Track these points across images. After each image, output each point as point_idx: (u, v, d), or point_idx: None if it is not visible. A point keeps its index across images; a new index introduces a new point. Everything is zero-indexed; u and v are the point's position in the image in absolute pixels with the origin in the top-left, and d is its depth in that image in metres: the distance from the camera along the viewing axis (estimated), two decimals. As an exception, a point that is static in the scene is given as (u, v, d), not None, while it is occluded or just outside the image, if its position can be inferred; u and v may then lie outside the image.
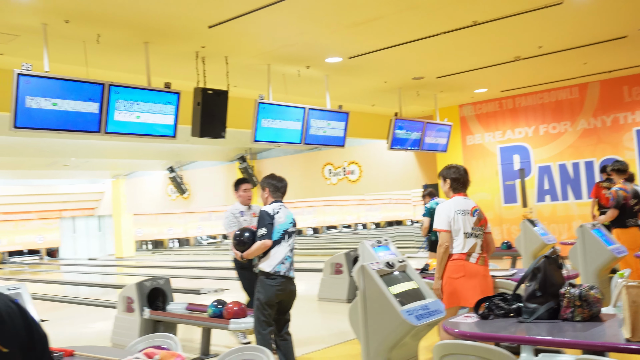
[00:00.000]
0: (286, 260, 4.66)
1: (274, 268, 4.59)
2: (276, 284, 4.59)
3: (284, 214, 4.75)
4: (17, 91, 5.40)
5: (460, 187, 4.60)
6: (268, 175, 5.02)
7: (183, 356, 2.08)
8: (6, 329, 1.05)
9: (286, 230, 4.71)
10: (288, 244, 4.71)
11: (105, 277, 17.10)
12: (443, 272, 4.27)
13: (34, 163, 16.00)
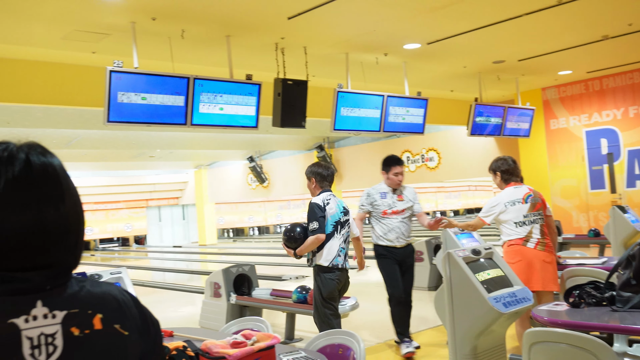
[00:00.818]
0: (341, 252, 4.56)
1: (331, 262, 4.50)
2: (335, 277, 4.52)
3: (335, 203, 4.60)
4: (110, 87, 5.69)
5: (510, 177, 4.64)
6: (313, 163, 4.88)
7: (279, 338, 2.16)
8: (124, 314, 1.13)
9: (338, 220, 4.58)
10: (341, 235, 4.58)
11: (189, 263, 17.71)
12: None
13: (122, 155, 16.74)
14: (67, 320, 1.04)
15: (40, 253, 1.05)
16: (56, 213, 1.08)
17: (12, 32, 5.99)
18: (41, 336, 1.01)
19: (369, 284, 10.59)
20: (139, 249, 23.78)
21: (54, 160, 1.13)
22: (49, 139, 12.54)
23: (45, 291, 1.05)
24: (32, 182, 1.06)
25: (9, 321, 1.00)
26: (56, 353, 1.02)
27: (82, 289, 1.10)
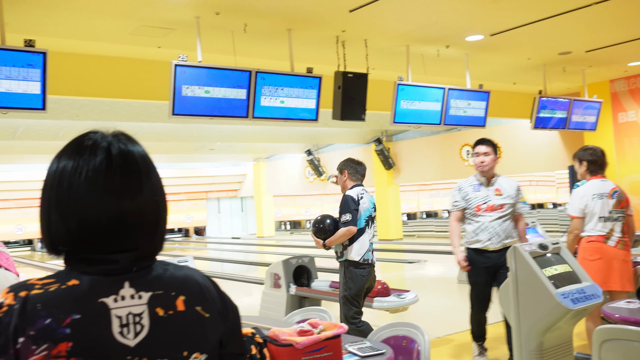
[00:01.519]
0: (370, 246, 4.52)
1: (363, 257, 4.45)
2: (365, 273, 4.47)
3: (367, 198, 4.57)
4: (175, 81, 5.82)
5: (597, 169, 4.40)
6: (346, 158, 4.84)
7: (345, 327, 2.18)
8: (205, 297, 1.17)
9: (370, 216, 4.54)
10: (372, 230, 4.53)
11: (247, 255, 17.98)
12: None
13: (183, 148, 17.13)
14: (152, 301, 1.10)
15: (123, 238, 1.10)
16: (132, 202, 1.12)
17: (82, 28, 6.21)
18: (129, 315, 1.07)
19: (426, 278, 10.53)
20: (199, 240, 24.29)
21: (136, 149, 1.18)
22: (114, 132, 12.94)
23: (131, 273, 1.10)
24: (113, 171, 1.11)
25: (99, 300, 1.05)
26: (143, 332, 1.07)
27: (166, 272, 1.16)
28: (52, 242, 1.12)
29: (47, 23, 5.91)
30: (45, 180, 1.14)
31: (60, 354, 1.00)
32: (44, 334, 1.00)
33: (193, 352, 1.12)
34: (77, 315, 1.03)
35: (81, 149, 1.13)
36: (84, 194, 1.08)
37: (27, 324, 1.00)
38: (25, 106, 5.24)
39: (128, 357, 1.05)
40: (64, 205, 1.09)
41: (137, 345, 1.06)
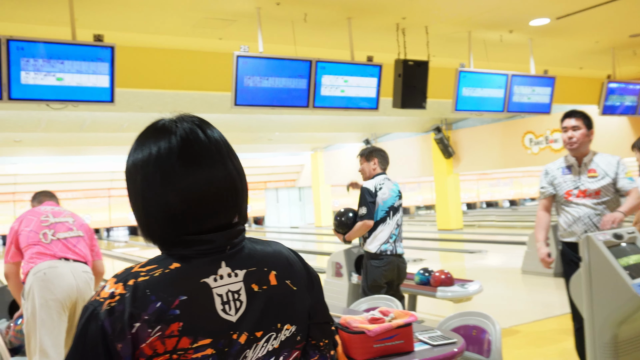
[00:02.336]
0: (391, 238, 4.41)
1: (379, 248, 4.36)
2: (382, 264, 4.36)
3: (388, 188, 4.46)
4: (237, 72, 5.90)
5: None
6: (371, 145, 4.73)
7: (416, 316, 2.17)
8: (293, 270, 1.23)
9: (392, 205, 4.43)
10: (394, 221, 4.41)
11: (306, 244, 18.10)
12: None
13: (242, 138, 17.34)
14: (247, 278, 1.15)
15: (215, 213, 1.15)
16: (234, 170, 1.19)
17: (147, 22, 6.35)
18: (229, 293, 1.12)
19: (487, 268, 10.36)
20: (258, 229, 24.61)
21: (217, 131, 1.24)
22: (177, 123, 13.22)
23: (225, 252, 1.15)
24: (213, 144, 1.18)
25: (202, 281, 1.11)
26: (242, 308, 1.13)
27: (256, 248, 1.21)
28: (150, 228, 1.16)
29: (115, 18, 6.08)
30: (131, 170, 1.18)
31: (173, 333, 1.06)
32: (157, 317, 1.06)
33: (285, 324, 1.17)
34: (183, 296, 1.08)
35: (157, 133, 1.18)
36: (174, 173, 1.13)
37: (140, 309, 1.06)
38: (95, 99, 5.41)
39: (231, 332, 1.11)
40: (156, 187, 1.13)
41: (238, 320, 1.12)
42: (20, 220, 3.87)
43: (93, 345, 1.05)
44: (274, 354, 1.16)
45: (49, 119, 11.45)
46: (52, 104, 5.34)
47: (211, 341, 1.08)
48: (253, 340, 1.13)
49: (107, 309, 1.06)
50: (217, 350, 1.09)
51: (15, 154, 18.10)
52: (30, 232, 3.68)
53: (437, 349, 2.19)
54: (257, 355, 1.13)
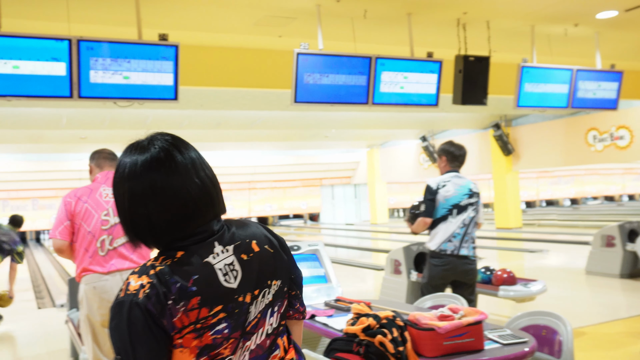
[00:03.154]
0: (455, 237, 4.28)
1: (439, 246, 4.28)
2: (442, 263, 4.27)
3: (454, 186, 4.33)
4: (297, 69, 5.94)
5: None
6: (446, 142, 4.59)
7: (486, 314, 2.14)
8: (268, 239, 1.49)
9: (457, 204, 4.30)
10: (459, 220, 4.30)
11: (361, 241, 18.08)
12: None
13: (299, 135, 17.44)
14: (236, 250, 1.40)
15: (200, 211, 1.38)
16: (200, 178, 1.40)
17: (210, 21, 6.46)
18: (225, 266, 1.37)
19: (548, 267, 10.11)
20: (313, 226, 24.72)
21: (185, 142, 1.45)
22: (235, 120, 13.41)
23: (215, 235, 1.40)
24: (186, 158, 1.40)
25: (205, 260, 1.35)
26: (239, 275, 1.38)
27: (236, 227, 1.46)
28: (147, 238, 1.39)
29: (179, 17, 6.21)
30: (119, 188, 1.41)
31: (194, 306, 1.30)
32: (180, 295, 1.30)
33: (272, 280, 1.44)
34: (195, 275, 1.32)
35: (139, 150, 1.40)
36: (185, 177, 1.37)
37: (167, 291, 1.29)
38: (160, 97, 5.55)
39: (235, 296, 1.36)
40: (155, 195, 1.35)
41: (238, 285, 1.37)
42: (79, 200, 3.45)
43: (142, 327, 1.27)
44: (270, 305, 1.43)
45: (112, 116, 11.81)
46: (119, 102, 5.50)
47: (222, 307, 1.34)
48: (253, 298, 1.39)
49: (144, 295, 1.29)
50: (228, 313, 1.34)
51: (80, 151, 18.72)
52: (88, 235, 3.39)
53: (507, 348, 2.15)
54: (259, 309, 1.40)
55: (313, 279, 3.91)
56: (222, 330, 1.33)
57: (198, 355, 1.32)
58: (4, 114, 10.67)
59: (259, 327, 1.40)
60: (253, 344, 1.40)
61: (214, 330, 1.32)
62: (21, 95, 5.12)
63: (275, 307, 1.45)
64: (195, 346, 1.31)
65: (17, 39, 4.97)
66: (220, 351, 1.34)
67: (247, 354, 1.39)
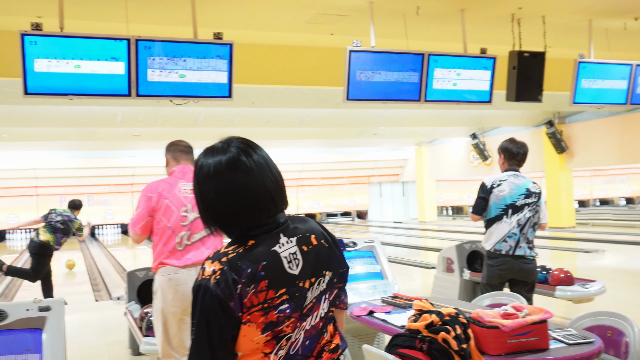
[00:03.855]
0: (510, 237, 4.20)
1: (494, 246, 4.23)
2: (497, 263, 4.22)
3: (510, 185, 4.25)
4: (349, 66, 5.94)
5: None
6: (507, 139, 4.48)
7: (551, 313, 2.12)
8: (323, 234, 1.69)
9: (512, 204, 4.22)
10: (513, 220, 4.22)
11: (409, 239, 17.98)
12: None
13: (347, 132, 17.45)
14: (299, 242, 1.61)
15: (273, 205, 1.60)
16: (269, 180, 1.61)
17: (260, 19, 6.54)
18: (289, 255, 1.58)
19: (604, 268, 9.87)
20: (361, 223, 24.70)
21: (255, 143, 1.67)
22: (284, 118, 13.51)
23: (280, 227, 1.61)
24: (260, 157, 1.63)
25: (272, 249, 1.56)
26: (300, 264, 1.59)
27: (297, 223, 1.66)
28: (224, 225, 1.61)
29: (233, 16, 6.31)
30: (202, 182, 1.62)
31: (262, 288, 1.51)
32: (250, 279, 1.50)
33: (326, 271, 1.64)
34: (264, 262, 1.53)
35: (220, 151, 1.60)
36: (257, 176, 1.58)
37: (237, 276, 1.49)
38: (214, 95, 5.65)
39: (297, 281, 1.56)
40: (237, 190, 1.57)
41: (299, 272, 1.57)
42: (160, 195, 3.48)
43: (213, 310, 1.50)
44: (323, 293, 1.63)
45: (165, 114, 12.05)
46: (175, 100, 5.62)
47: (286, 290, 1.54)
48: (310, 285, 1.59)
49: (215, 282, 1.50)
50: (290, 296, 1.54)
51: (133, 148, 19.19)
52: (168, 230, 3.44)
53: (573, 348, 2.12)
54: (314, 294, 1.60)
55: (369, 276, 3.91)
56: (285, 310, 1.53)
57: (263, 330, 1.52)
58: (62, 112, 11.03)
59: (314, 311, 1.60)
60: (308, 325, 1.59)
61: (278, 309, 1.52)
62: (82, 94, 5.28)
63: (327, 295, 1.65)
64: (261, 322, 1.51)
65: (78, 39, 5.13)
66: (282, 328, 1.54)
67: (302, 333, 1.58)
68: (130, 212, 22.26)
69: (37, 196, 20.75)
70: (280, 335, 1.54)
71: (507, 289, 4.35)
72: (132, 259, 15.17)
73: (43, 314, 2.03)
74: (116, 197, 22.17)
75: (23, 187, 20.86)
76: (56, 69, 5.11)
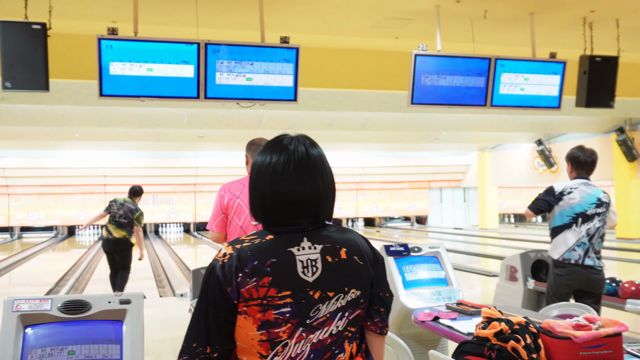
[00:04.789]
0: (579, 247, 4.11)
1: (562, 255, 4.13)
2: (565, 273, 4.12)
3: (582, 193, 4.15)
4: (414, 70, 5.91)
5: None
6: (575, 147, 4.38)
7: (626, 326, 2.06)
8: (361, 250, 1.63)
9: (582, 212, 4.12)
10: (583, 229, 4.12)
11: (469, 245, 17.69)
12: None
13: (409, 137, 17.33)
14: (323, 251, 1.56)
15: (302, 210, 1.59)
16: (321, 185, 1.61)
17: (326, 23, 6.59)
18: (308, 260, 1.54)
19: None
20: (420, 229, 24.47)
21: (315, 151, 1.65)
22: (346, 121, 13.55)
23: (308, 232, 1.58)
24: (311, 164, 1.61)
25: (288, 249, 1.55)
26: (317, 272, 1.54)
27: (333, 232, 1.62)
28: (256, 210, 1.65)
29: (299, 20, 6.39)
30: (253, 166, 1.66)
31: (264, 284, 1.50)
32: (253, 271, 1.51)
33: (351, 288, 1.57)
34: (274, 259, 1.52)
35: (276, 148, 1.63)
36: (277, 181, 1.58)
37: (242, 265, 1.51)
38: (280, 98, 5.72)
39: (307, 289, 1.52)
40: (263, 184, 1.60)
41: (314, 281, 1.53)
42: (232, 195, 3.58)
43: (213, 289, 1.53)
44: (341, 310, 1.56)
45: (230, 116, 12.29)
46: (242, 103, 5.72)
47: (291, 293, 1.51)
48: (325, 298, 1.53)
49: (221, 264, 1.53)
50: (295, 301, 1.50)
51: (197, 149, 19.63)
52: (239, 230, 3.52)
53: (648, 363, 2.05)
54: (329, 309, 1.53)
55: (433, 282, 3.89)
56: (284, 312, 1.51)
57: (259, 328, 1.51)
58: (133, 113, 11.41)
59: (325, 326, 1.54)
60: (316, 339, 1.54)
61: (278, 310, 1.50)
62: (153, 96, 5.45)
63: (346, 313, 1.57)
64: (258, 318, 1.51)
65: (151, 43, 5.30)
66: (279, 333, 1.51)
67: (308, 346, 1.53)
68: (192, 211, 22.78)
69: (105, 194, 21.48)
70: (275, 340, 1.51)
71: (572, 300, 4.25)
72: (193, 258, 15.54)
73: (123, 307, 2.13)
74: (180, 197, 22.73)
75: (92, 185, 21.66)
76: (130, 72, 5.30)
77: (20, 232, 22.43)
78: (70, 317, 2.08)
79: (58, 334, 2.05)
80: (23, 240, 21.32)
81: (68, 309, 2.11)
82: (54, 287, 9.98)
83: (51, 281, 10.53)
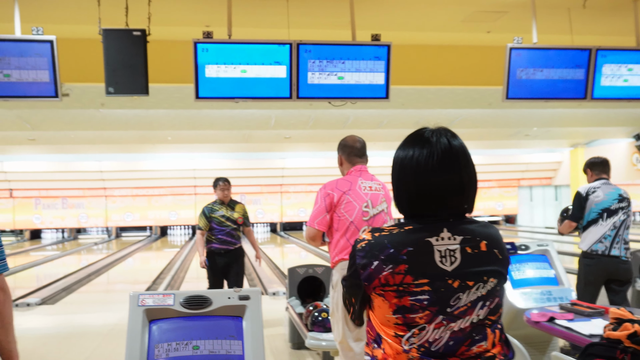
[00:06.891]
0: (605, 239, 4.66)
1: (590, 247, 4.68)
2: (593, 263, 4.65)
3: (604, 191, 4.78)
4: (509, 64, 5.73)
5: None
6: (591, 157, 5.07)
7: None
8: (500, 245, 1.68)
9: (607, 208, 4.72)
10: (609, 222, 4.70)
11: (561, 245, 16.95)
12: None
13: (499, 134, 16.87)
14: (463, 242, 1.60)
15: (443, 202, 1.63)
16: (465, 176, 1.64)
17: (416, 19, 6.51)
18: (446, 250, 1.59)
19: None
20: (509, 228, 23.80)
21: (457, 142, 1.69)
22: (434, 119, 13.34)
23: (449, 222, 1.62)
24: (454, 156, 1.64)
25: (426, 239, 1.59)
26: (456, 262, 1.59)
27: (474, 225, 1.65)
28: (399, 203, 1.70)
29: (389, 17, 6.34)
30: (395, 161, 1.73)
31: (400, 271, 1.57)
32: (390, 259, 1.58)
33: (490, 278, 1.61)
34: (410, 247, 1.58)
35: (418, 141, 1.68)
36: (421, 173, 1.63)
37: (378, 252, 1.59)
38: (371, 96, 5.69)
39: (446, 278, 1.57)
40: (406, 178, 1.66)
41: (453, 270, 1.58)
42: (341, 191, 3.61)
43: (353, 270, 1.65)
44: (482, 299, 1.60)
45: (316, 116, 12.37)
46: (334, 102, 5.74)
47: (428, 281, 1.56)
48: (465, 287, 1.58)
49: (360, 248, 1.63)
50: (433, 289, 1.55)
51: (283, 150, 19.90)
52: (351, 226, 3.55)
53: None
54: (470, 298, 1.58)
55: (542, 281, 3.77)
56: (422, 300, 1.55)
57: (395, 312, 1.58)
58: (223, 115, 11.70)
59: (466, 315, 1.58)
60: (457, 327, 1.57)
61: (415, 297, 1.56)
62: (247, 97, 5.56)
63: (487, 302, 1.61)
64: (394, 303, 1.57)
65: (245, 45, 5.41)
66: (415, 318, 1.56)
67: (448, 333, 1.57)
68: (279, 211, 23.12)
69: (196, 195, 22.18)
70: (412, 324, 1.56)
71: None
72: (280, 257, 15.76)
73: (243, 303, 2.16)
74: (267, 197, 23.13)
75: (183, 187, 22.41)
76: (224, 74, 5.43)
77: (119, 232, 23.57)
78: (192, 312, 2.15)
79: (182, 328, 2.11)
80: (122, 239, 22.38)
81: (190, 304, 2.17)
82: (151, 285, 10.37)
83: (147, 279, 10.96)
